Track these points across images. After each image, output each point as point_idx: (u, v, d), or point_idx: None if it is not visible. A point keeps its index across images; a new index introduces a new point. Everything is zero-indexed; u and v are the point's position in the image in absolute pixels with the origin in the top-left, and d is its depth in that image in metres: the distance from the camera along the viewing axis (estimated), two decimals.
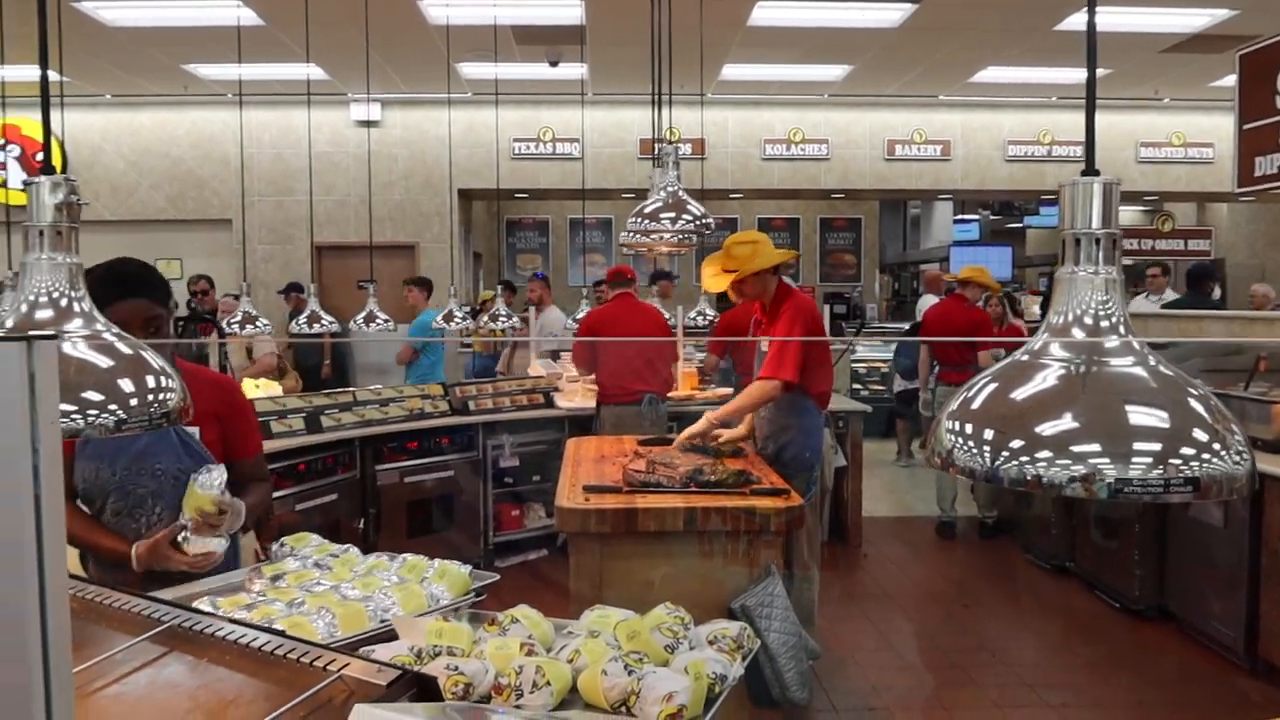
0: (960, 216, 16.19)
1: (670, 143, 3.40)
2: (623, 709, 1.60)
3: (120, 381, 1.14)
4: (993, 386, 1.03)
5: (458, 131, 9.74)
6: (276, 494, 4.68)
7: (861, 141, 10.70)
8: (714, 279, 3.96)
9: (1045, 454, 0.94)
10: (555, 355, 7.40)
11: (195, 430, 2.38)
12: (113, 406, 1.12)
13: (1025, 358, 1.02)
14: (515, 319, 6.51)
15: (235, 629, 1.46)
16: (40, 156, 10.18)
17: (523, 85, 9.54)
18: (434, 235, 10.38)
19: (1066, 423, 0.95)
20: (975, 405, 1.02)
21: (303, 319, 5.38)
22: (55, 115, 9.69)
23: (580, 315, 6.39)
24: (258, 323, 5.06)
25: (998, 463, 0.96)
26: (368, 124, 10.12)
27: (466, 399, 5.84)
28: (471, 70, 9.03)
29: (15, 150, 10.05)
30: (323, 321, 5.34)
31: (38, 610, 0.70)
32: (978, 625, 5.04)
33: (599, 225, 13.67)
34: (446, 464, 5.65)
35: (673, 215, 3.21)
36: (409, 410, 5.60)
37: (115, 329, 1.19)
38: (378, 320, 5.50)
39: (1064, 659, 4.55)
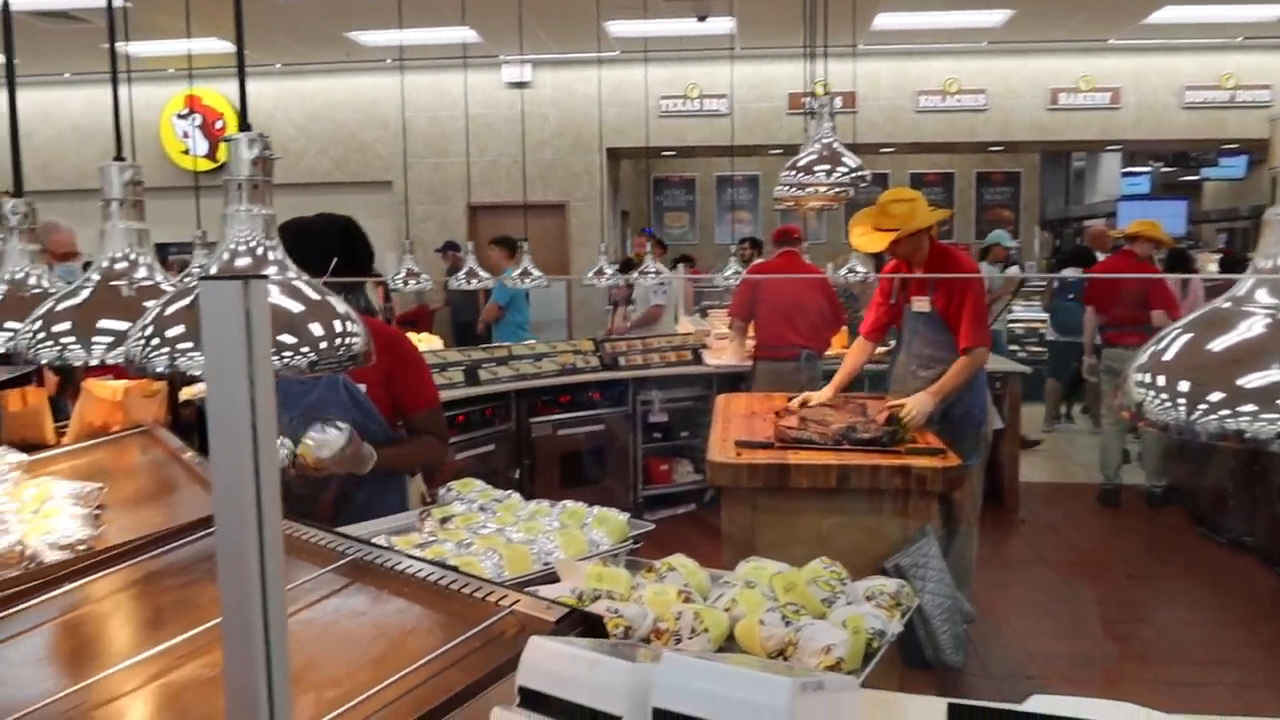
0: (1129, 169, 15.19)
1: (826, 94, 3.32)
2: (780, 659, 1.61)
3: (310, 325, 1.21)
4: (1189, 336, 0.97)
5: (606, 90, 9.79)
6: None
7: (1022, 90, 10.14)
8: (864, 237, 3.86)
9: (1250, 407, 0.88)
10: (704, 313, 7.41)
11: (363, 386, 2.51)
12: (304, 349, 1.19)
13: (1227, 304, 0.96)
14: (665, 274, 6.54)
15: (412, 564, 1.54)
16: (220, 124, 10.84)
17: (669, 42, 9.48)
18: (583, 194, 10.51)
19: (1275, 374, 0.89)
20: (1169, 355, 0.96)
21: (460, 275, 5.56)
22: (233, 85, 10.29)
23: (728, 273, 6.36)
24: (420, 278, 5.27)
25: (1194, 416, 0.90)
26: (519, 85, 10.29)
27: (617, 355, 5.94)
28: (619, 28, 9.03)
29: (197, 119, 10.73)
30: (479, 278, 5.50)
31: (256, 534, 0.75)
32: (1144, 597, 4.80)
33: (746, 182, 13.53)
34: (598, 418, 5.78)
35: (827, 168, 3.14)
36: (561, 365, 5.73)
37: (305, 276, 1.26)
38: (532, 276, 5.63)
39: (1239, 635, 4.29)
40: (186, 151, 10.67)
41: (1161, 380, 0.95)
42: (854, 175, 3.14)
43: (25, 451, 2.48)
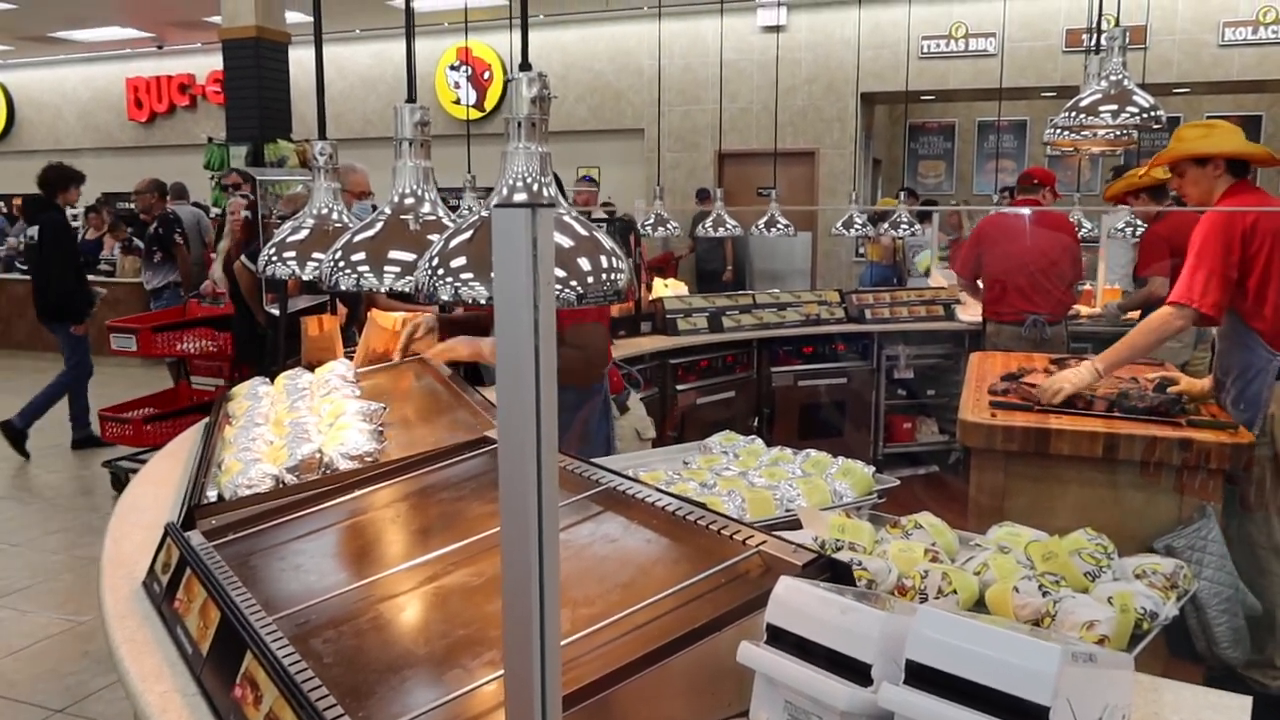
0: None
1: (1115, 25, 3.01)
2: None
3: (580, 260, 1.25)
4: None
5: (864, 32, 9.45)
6: (681, 386, 5.01)
7: None
8: (1129, 180, 3.32)
9: None
10: None
11: None
12: (573, 283, 1.23)
13: None
14: (917, 227, 6.27)
15: (661, 497, 1.57)
16: (487, 75, 11.43)
17: None
18: (834, 141, 10.24)
19: None
20: None
21: (708, 223, 5.60)
22: (500, 36, 10.81)
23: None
24: (667, 225, 5.36)
25: None
26: (774, 29, 10.13)
27: (863, 307, 5.79)
28: None
29: (467, 71, 11.37)
30: (726, 226, 5.52)
31: (535, 450, 0.79)
32: None
33: (1011, 129, 12.64)
34: (841, 370, 5.68)
35: (1114, 108, 2.86)
36: (805, 315, 5.67)
37: (576, 213, 1.30)
38: (779, 225, 5.57)
39: None
40: (458, 101, 11.36)
41: None
42: (1144, 116, 2.83)
43: None
